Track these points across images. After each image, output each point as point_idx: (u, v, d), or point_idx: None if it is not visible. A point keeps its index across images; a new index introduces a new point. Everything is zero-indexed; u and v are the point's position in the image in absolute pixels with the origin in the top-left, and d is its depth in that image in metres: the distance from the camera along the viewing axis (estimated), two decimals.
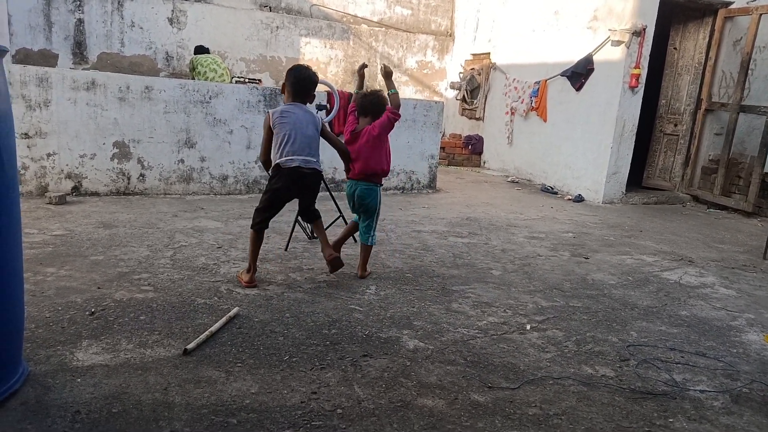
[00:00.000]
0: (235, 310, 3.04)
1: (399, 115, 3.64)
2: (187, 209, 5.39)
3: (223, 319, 2.91)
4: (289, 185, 3.49)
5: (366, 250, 3.79)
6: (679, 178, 8.02)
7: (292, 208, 5.54)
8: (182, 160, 5.96)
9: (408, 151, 7.14)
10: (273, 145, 3.52)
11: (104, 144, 5.62)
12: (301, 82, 3.55)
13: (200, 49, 8.04)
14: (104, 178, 5.69)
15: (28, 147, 5.36)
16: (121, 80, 5.62)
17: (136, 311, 2.99)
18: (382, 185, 3.76)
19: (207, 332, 2.74)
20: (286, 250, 4.29)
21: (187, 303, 3.15)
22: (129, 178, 5.79)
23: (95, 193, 5.67)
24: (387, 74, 3.70)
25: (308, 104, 3.63)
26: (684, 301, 3.86)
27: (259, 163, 6.28)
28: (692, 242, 5.66)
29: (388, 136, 3.68)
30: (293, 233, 4.42)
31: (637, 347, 3.04)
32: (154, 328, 2.81)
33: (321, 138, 3.60)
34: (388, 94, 3.68)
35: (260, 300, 3.28)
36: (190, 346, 2.60)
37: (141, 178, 5.83)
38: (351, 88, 9.82)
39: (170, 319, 2.92)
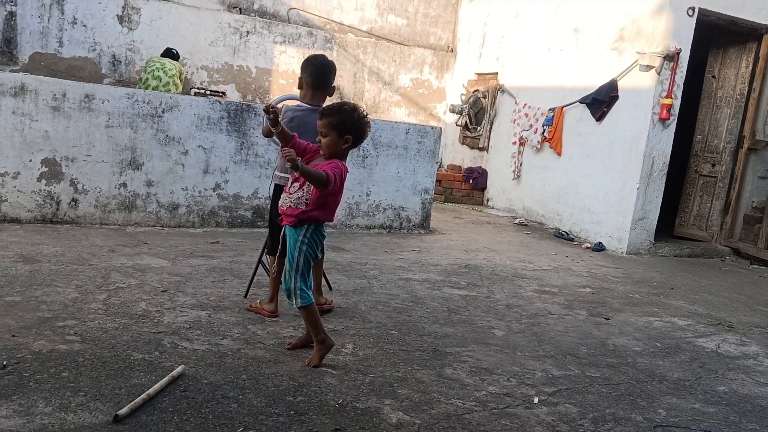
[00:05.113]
0: (179, 368, 3.00)
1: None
2: (127, 243, 5.36)
3: (165, 380, 2.86)
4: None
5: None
6: (717, 228, 8.17)
7: (254, 246, 5.58)
8: (124, 184, 5.95)
9: (397, 183, 7.21)
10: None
11: (31, 161, 5.61)
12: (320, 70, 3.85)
13: (166, 53, 8.13)
14: (28, 202, 5.65)
15: None
16: (56, 86, 5.65)
17: (58, 366, 2.94)
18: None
19: (144, 395, 2.69)
20: (245, 296, 4.26)
21: (121, 358, 3.10)
22: (58, 203, 5.75)
23: (16, 220, 5.62)
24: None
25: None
26: (722, 374, 3.87)
27: (218, 192, 6.30)
28: (732, 304, 5.72)
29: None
30: (255, 276, 4.40)
31: (666, 428, 3.03)
32: (79, 388, 2.75)
33: None
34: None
35: (211, 357, 3.23)
36: (123, 411, 2.54)
37: (73, 203, 5.80)
38: None
39: (99, 377, 2.87)
